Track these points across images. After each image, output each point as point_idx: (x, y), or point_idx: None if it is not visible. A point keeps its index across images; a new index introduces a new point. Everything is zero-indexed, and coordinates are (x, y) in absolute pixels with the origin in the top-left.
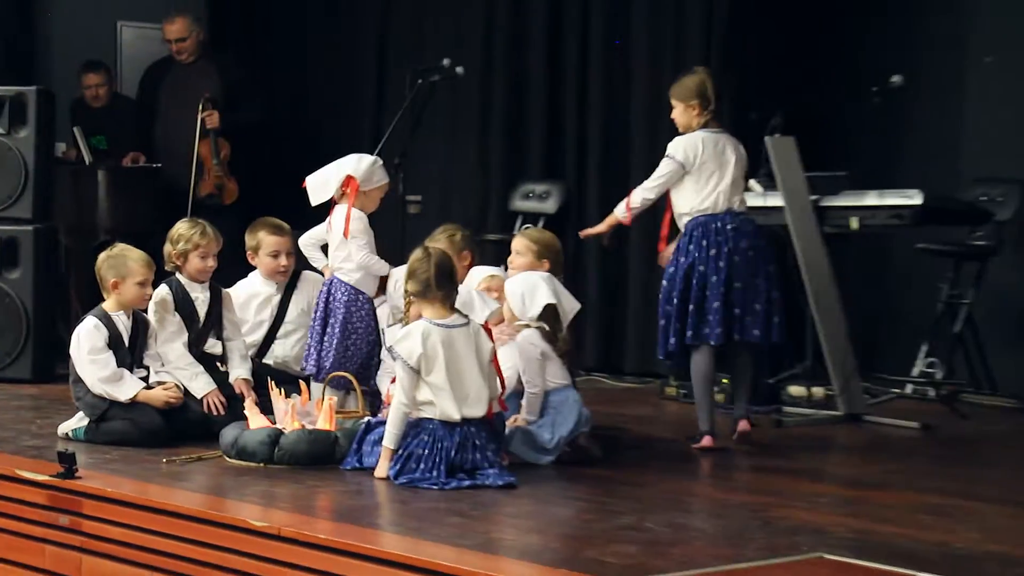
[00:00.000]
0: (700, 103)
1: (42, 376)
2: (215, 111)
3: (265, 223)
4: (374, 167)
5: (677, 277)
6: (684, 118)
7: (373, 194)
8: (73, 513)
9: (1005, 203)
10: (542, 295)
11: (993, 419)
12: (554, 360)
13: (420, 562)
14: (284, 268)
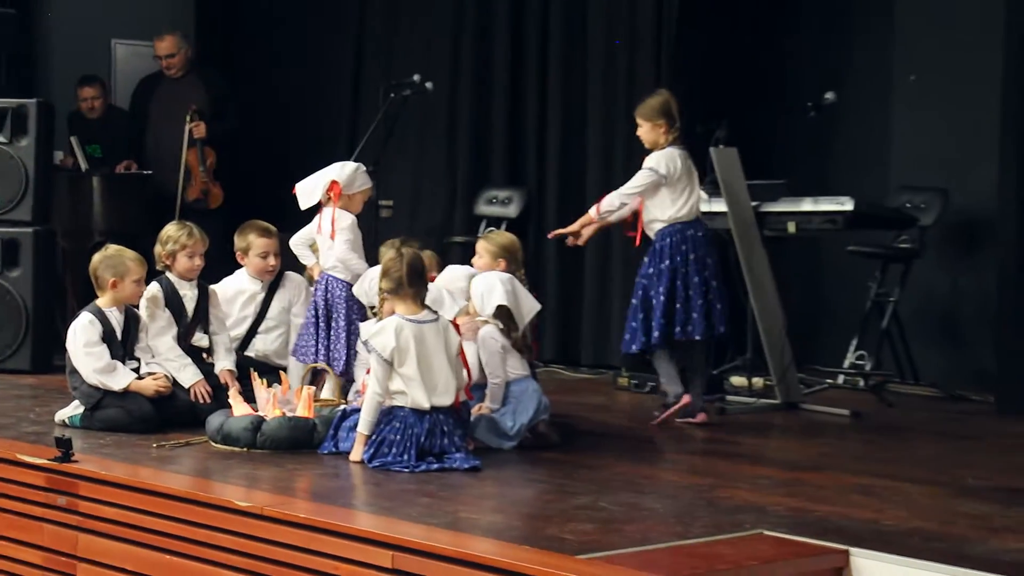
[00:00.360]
0: (667, 122)
1: (40, 367)
2: (202, 122)
3: (255, 226)
4: (356, 173)
5: (662, 278)
6: (651, 136)
7: (356, 198)
8: (70, 494)
9: (928, 209)
10: (496, 296)
11: (917, 406)
12: (513, 353)
13: (392, 539)
14: (272, 268)
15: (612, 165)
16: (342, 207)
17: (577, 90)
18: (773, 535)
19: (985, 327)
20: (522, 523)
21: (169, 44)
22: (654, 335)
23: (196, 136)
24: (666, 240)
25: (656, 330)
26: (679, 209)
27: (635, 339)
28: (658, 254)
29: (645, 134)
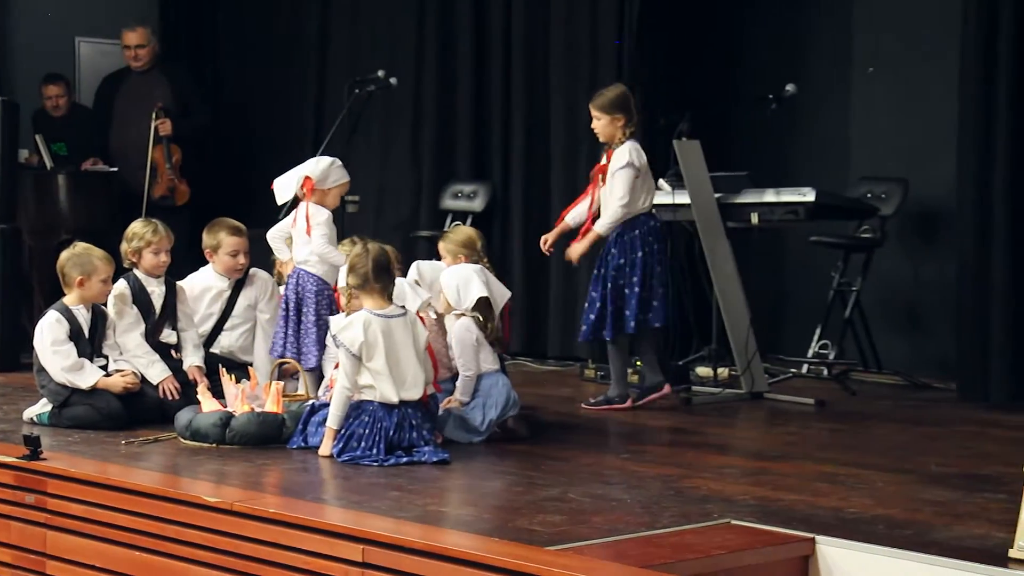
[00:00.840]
0: (625, 116)
1: (8, 365)
2: (167, 119)
3: (225, 224)
4: (331, 168)
5: (635, 268)
6: (609, 129)
7: (332, 192)
8: (38, 492)
9: (888, 199)
10: (475, 287)
11: (880, 394)
12: (486, 346)
13: (362, 533)
14: (241, 266)
15: (575, 158)
16: (317, 202)
17: (540, 85)
18: (740, 524)
19: (946, 315)
20: (492, 515)
21: (140, 35)
22: (630, 324)
23: (162, 133)
24: (635, 231)
25: (632, 319)
26: (643, 200)
27: (606, 327)
28: (628, 245)
29: (603, 127)
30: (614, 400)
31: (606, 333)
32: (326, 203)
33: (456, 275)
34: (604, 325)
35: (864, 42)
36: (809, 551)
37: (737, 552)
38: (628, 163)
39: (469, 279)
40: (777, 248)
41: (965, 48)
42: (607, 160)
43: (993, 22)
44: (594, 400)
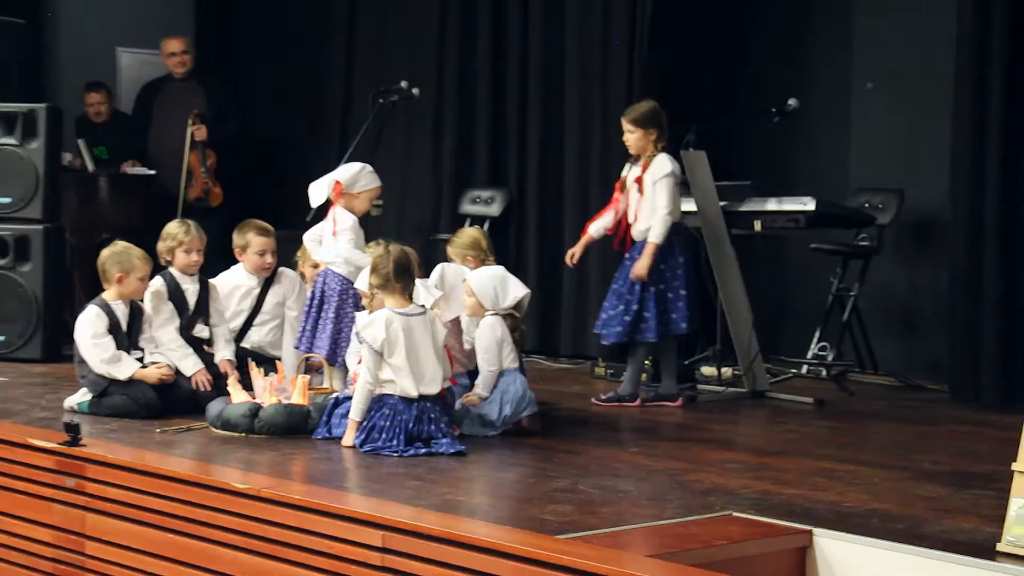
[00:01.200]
0: (658, 130)
1: (50, 356)
2: (203, 125)
3: (253, 225)
4: (361, 173)
5: (678, 273)
6: (642, 143)
7: (361, 196)
8: (78, 476)
9: (885, 209)
10: (514, 285)
11: (876, 395)
12: (509, 344)
13: (382, 520)
14: (268, 265)
15: (588, 166)
16: (345, 206)
17: (555, 96)
18: (741, 516)
19: (940, 320)
20: (505, 505)
21: (181, 42)
22: (680, 326)
23: (197, 138)
24: (673, 238)
25: (681, 321)
26: (677, 210)
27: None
28: (670, 251)
29: (636, 141)
30: (624, 398)
31: (648, 335)
32: (354, 207)
33: (488, 276)
34: (645, 327)
35: (864, 59)
36: (807, 543)
37: (738, 543)
38: (671, 172)
39: (505, 278)
40: (779, 255)
41: (959, 64)
42: (643, 172)
43: (986, 45)
44: (605, 397)
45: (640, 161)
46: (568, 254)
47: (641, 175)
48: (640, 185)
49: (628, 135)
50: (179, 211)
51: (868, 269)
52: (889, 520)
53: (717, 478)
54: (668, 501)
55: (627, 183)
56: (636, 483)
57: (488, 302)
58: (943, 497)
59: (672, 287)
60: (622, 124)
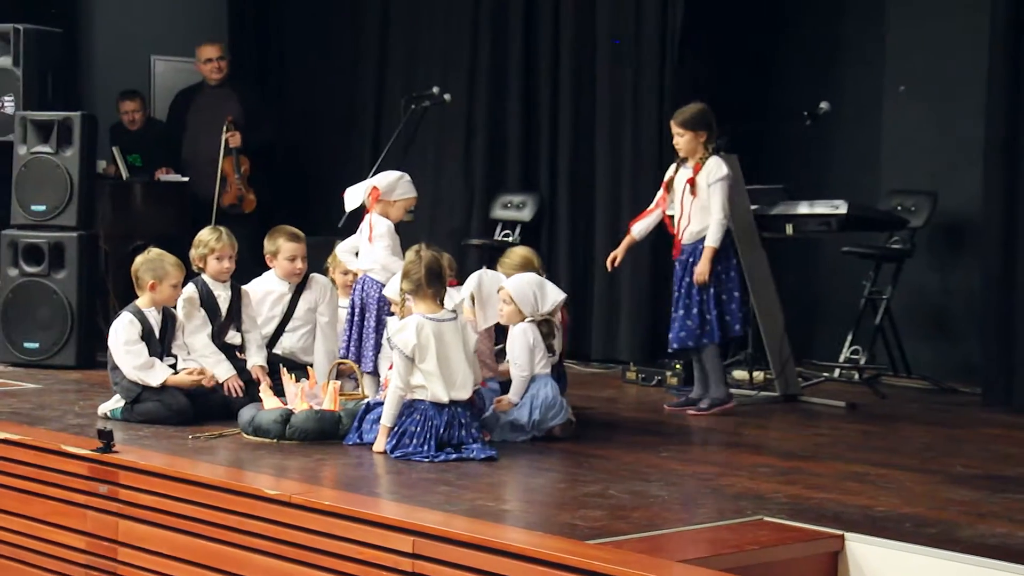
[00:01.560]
0: (707, 132)
1: (84, 363)
2: (237, 132)
3: (284, 231)
4: (399, 181)
5: (732, 276)
6: (692, 145)
7: (397, 204)
8: (111, 483)
9: (918, 212)
10: (552, 290)
11: (909, 398)
12: (541, 349)
13: (413, 525)
14: (299, 271)
15: (619, 171)
16: (381, 212)
17: (587, 101)
18: (773, 521)
19: (972, 323)
20: (535, 510)
21: (216, 48)
22: (735, 328)
23: (232, 145)
24: (727, 240)
25: (736, 323)
26: (729, 213)
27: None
28: (725, 254)
29: (686, 143)
30: (722, 401)
31: (713, 338)
32: (390, 214)
33: (527, 282)
34: (709, 330)
35: (896, 62)
36: (839, 547)
37: (769, 548)
38: (726, 174)
39: (542, 283)
40: (811, 258)
41: (992, 67)
42: (695, 174)
43: (1019, 44)
44: (705, 405)
45: (690, 163)
46: (610, 257)
47: (693, 177)
48: (693, 187)
49: (678, 138)
50: (213, 217)
51: (901, 272)
52: (922, 524)
53: (748, 482)
54: (699, 506)
55: (674, 184)
56: (667, 488)
57: (528, 308)
58: (976, 501)
59: (727, 289)
60: (671, 127)
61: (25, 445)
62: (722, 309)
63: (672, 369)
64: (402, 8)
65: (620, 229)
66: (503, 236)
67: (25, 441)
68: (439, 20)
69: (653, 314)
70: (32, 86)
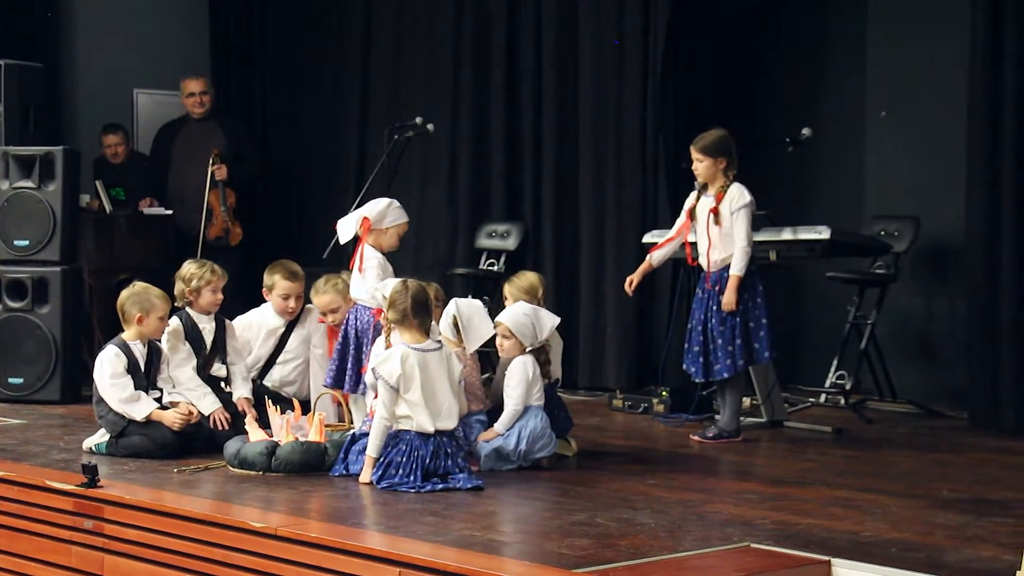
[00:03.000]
0: (727, 159)
1: (69, 398)
2: (223, 165)
3: (283, 268)
4: (388, 209)
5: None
6: (711, 171)
7: (389, 232)
8: (96, 518)
9: (901, 237)
10: (546, 316)
11: (895, 423)
12: (539, 383)
13: (400, 556)
14: (291, 310)
15: (603, 199)
16: (373, 242)
17: (570, 130)
18: (759, 547)
19: (957, 347)
20: (523, 539)
21: (200, 83)
22: (763, 355)
23: (218, 178)
24: (752, 266)
25: (765, 350)
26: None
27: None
28: (750, 280)
29: (705, 169)
30: (729, 434)
31: (734, 366)
32: (382, 243)
33: (521, 313)
34: (731, 360)
35: (876, 88)
36: (826, 573)
37: (756, 574)
38: (749, 202)
39: (536, 311)
40: (795, 283)
41: (973, 92)
42: (717, 202)
43: (998, 69)
44: (710, 435)
45: (711, 190)
46: (627, 281)
47: (716, 206)
48: (716, 216)
49: (697, 164)
50: (199, 250)
51: (885, 297)
52: (908, 549)
53: (735, 509)
54: (686, 533)
55: (697, 212)
56: (653, 515)
57: (528, 340)
58: (962, 525)
59: (754, 316)
60: (691, 152)
61: (10, 481)
62: (748, 336)
63: (659, 396)
64: (385, 39)
65: (605, 256)
66: (488, 265)
67: (10, 477)
68: (422, 50)
69: (640, 341)
70: (14, 121)
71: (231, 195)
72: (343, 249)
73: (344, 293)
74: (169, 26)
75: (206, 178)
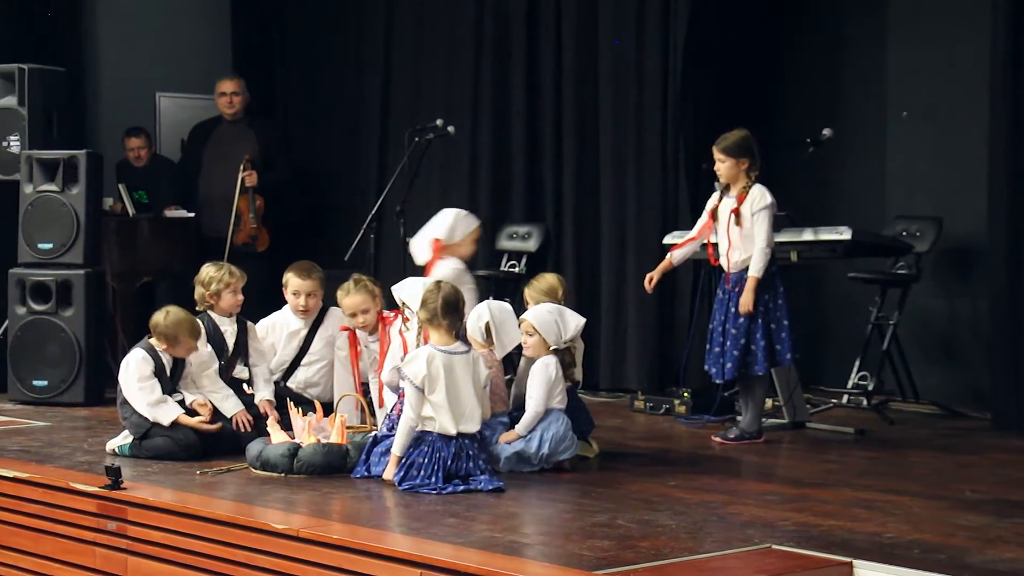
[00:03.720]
0: (750, 159)
1: (93, 400)
2: (254, 171)
3: (296, 266)
4: (455, 222)
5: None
6: (733, 172)
7: (464, 241)
8: (119, 519)
9: (923, 237)
10: (571, 316)
11: (917, 424)
12: (561, 385)
13: (422, 558)
14: (302, 307)
15: (624, 199)
16: (452, 255)
17: (590, 132)
18: (781, 549)
19: (980, 347)
20: (543, 540)
21: (235, 84)
22: (785, 357)
23: (248, 184)
24: (772, 268)
25: (787, 352)
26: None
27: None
28: (771, 282)
29: (727, 170)
30: (751, 435)
31: (757, 368)
32: (460, 253)
33: (546, 312)
34: (753, 360)
35: (897, 88)
36: (847, 574)
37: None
38: (770, 203)
39: (561, 311)
40: (817, 284)
41: (995, 91)
42: (739, 203)
43: (1020, 70)
44: (731, 436)
45: (733, 191)
46: (647, 279)
47: (738, 207)
48: (738, 217)
49: (719, 164)
50: (226, 255)
51: (907, 297)
52: (930, 551)
53: (756, 510)
54: (707, 534)
55: (719, 213)
56: (674, 516)
57: (552, 338)
58: (985, 527)
59: (775, 318)
60: (713, 153)
61: (34, 483)
62: (771, 338)
63: (680, 397)
64: (405, 42)
65: (625, 258)
66: (509, 267)
67: (34, 479)
68: (442, 52)
69: (661, 342)
70: (37, 125)
71: (260, 200)
72: (364, 251)
73: (374, 294)
74: (191, 30)
75: (235, 183)
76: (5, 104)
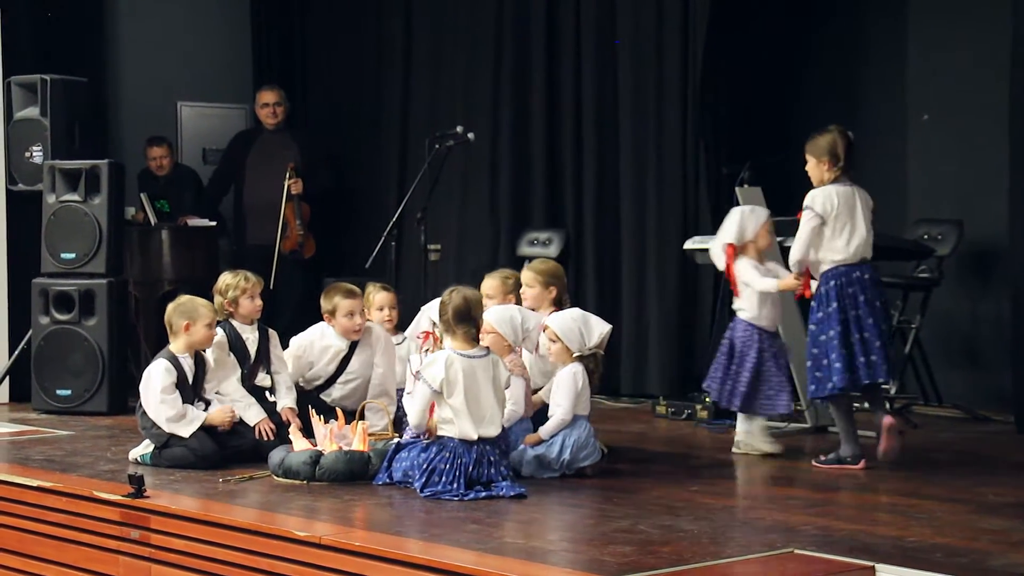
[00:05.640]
0: (830, 159)
1: (116, 409)
2: (299, 179)
3: (339, 289)
4: (743, 221)
5: (831, 322)
6: (816, 172)
7: (759, 236)
8: (142, 528)
9: (944, 240)
10: (597, 323)
11: (940, 427)
12: (586, 392)
13: (444, 565)
14: (359, 326)
15: (644, 205)
16: (750, 254)
17: (610, 137)
18: (803, 553)
19: (1003, 350)
20: (565, 546)
21: (275, 94)
22: (833, 381)
23: (294, 192)
24: (830, 283)
25: (835, 375)
26: (839, 250)
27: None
28: (824, 298)
29: (812, 170)
30: (845, 460)
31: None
32: (760, 245)
33: (570, 318)
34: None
35: (918, 90)
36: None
37: None
38: (807, 206)
39: (586, 317)
40: None
41: (1015, 94)
42: None
43: None
44: (825, 458)
45: None
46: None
47: None
48: None
49: (808, 164)
50: (274, 263)
51: (929, 301)
52: (953, 554)
53: (778, 515)
54: (729, 539)
55: None
56: (696, 522)
57: (574, 344)
58: (1008, 530)
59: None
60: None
61: (58, 492)
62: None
63: (702, 402)
64: (425, 49)
65: (646, 263)
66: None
67: (58, 488)
68: (461, 59)
69: (682, 348)
70: (59, 135)
71: (306, 208)
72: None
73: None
74: (213, 39)
75: (281, 191)
76: (28, 115)
